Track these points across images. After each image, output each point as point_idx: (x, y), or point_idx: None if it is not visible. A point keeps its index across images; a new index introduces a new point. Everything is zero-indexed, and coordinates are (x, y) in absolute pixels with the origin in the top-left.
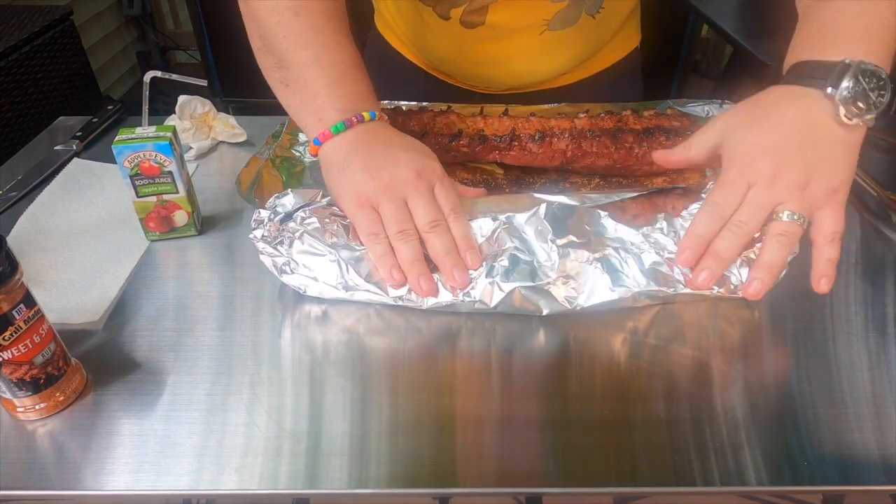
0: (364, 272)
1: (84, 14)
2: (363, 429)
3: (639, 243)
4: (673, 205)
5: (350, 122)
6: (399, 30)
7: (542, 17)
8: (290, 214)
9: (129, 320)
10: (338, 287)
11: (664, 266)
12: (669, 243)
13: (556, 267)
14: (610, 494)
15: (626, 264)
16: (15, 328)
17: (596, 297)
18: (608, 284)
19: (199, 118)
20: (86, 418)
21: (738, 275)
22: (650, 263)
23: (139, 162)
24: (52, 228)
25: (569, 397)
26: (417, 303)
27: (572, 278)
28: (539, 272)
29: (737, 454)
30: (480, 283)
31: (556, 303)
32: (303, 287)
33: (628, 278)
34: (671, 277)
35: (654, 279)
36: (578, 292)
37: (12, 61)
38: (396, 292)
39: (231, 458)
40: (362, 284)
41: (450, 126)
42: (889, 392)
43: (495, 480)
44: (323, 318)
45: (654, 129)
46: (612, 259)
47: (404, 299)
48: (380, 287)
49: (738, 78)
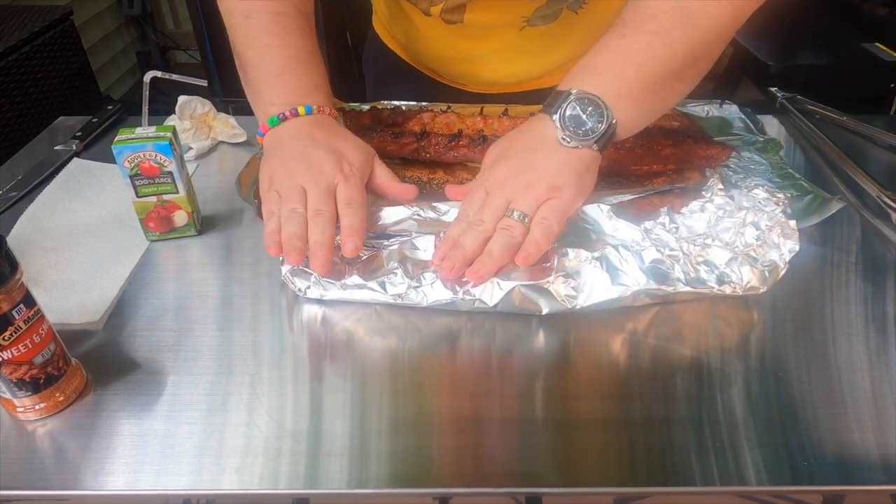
0: (365, 271)
1: (84, 14)
2: (363, 429)
3: (639, 240)
4: (672, 203)
5: (283, 116)
6: (391, 29)
7: (520, 14)
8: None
9: (129, 320)
10: (337, 286)
11: (665, 263)
12: (671, 240)
13: (556, 265)
14: (610, 494)
15: (626, 262)
16: (15, 328)
17: (596, 296)
18: (608, 282)
19: (199, 118)
20: (86, 418)
21: (738, 273)
22: (650, 261)
23: (139, 162)
24: (52, 228)
25: (569, 397)
26: (417, 301)
27: (571, 277)
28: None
29: (737, 454)
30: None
31: (555, 301)
32: (303, 288)
33: (628, 276)
34: (672, 275)
35: (654, 277)
36: (578, 291)
37: (12, 61)
38: (395, 290)
39: (231, 458)
40: (362, 283)
41: (450, 126)
42: (889, 392)
43: (495, 480)
44: (323, 319)
45: (654, 129)
46: (612, 257)
47: (403, 297)
48: (380, 285)
49: (738, 78)
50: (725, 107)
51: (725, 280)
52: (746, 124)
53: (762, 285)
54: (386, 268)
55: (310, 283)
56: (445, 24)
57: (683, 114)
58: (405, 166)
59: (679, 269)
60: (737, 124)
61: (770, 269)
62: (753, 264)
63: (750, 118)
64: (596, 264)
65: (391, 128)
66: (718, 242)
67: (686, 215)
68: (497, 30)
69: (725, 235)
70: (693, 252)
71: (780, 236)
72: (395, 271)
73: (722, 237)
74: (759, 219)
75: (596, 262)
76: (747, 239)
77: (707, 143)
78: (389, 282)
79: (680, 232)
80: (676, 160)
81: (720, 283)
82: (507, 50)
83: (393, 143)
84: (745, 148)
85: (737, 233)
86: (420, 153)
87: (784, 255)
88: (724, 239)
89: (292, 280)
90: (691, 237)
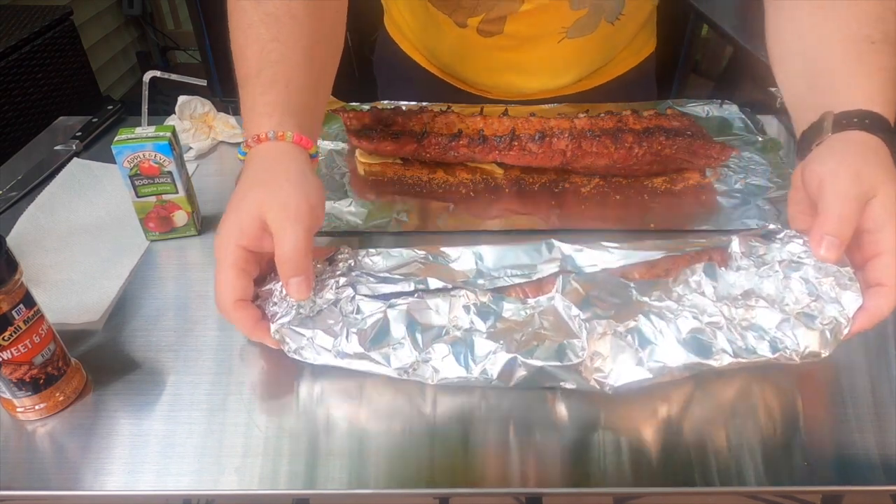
0: (366, 340)
1: (84, 14)
2: (363, 429)
3: (674, 308)
4: (709, 256)
5: (247, 148)
6: (411, 34)
7: (561, 25)
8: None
9: (129, 320)
10: (332, 353)
11: (706, 333)
12: (709, 305)
13: (585, 345)
14: (610, 494)
15: (662, 334)
16: (15, 328)
17: (627, 376)
18: (641, 360)
19: (199, 118)
20: (86, 418)
21: (792, 336)
22: (689, 331)
23: (139, 162)
24: (52, 228)
25: (569, 397)
26: (426, 377)
27: (600, 355)
28: (566, 350)
29: (737, 454)
30: (499, 358)
31: (583, 381)
32: (294, 348)
33: (664, 351)
34: (715, 346)
35: (695, 349)
36: (608, 370)
37: (12, 61)
38: (400, 364)
39: (231, 458)
40: (362, 353)
41: (450, 126)
42: (889, 392)
43: (495, 480)
44: None
45: (654, 129)
46: (645, 329)
47: (409, 373)
48: (380, 358)
49: (738, 78)
50: (725, 107)
51: (780, 346)
52: (746, 124)
53: (823, 349)
54: (391, 335)
55: (303, 344)
56: (480, 37)
57: (683, 114)
58: (405, 166)
59: (723, 338)
60: (737, 124)
61: (831, 329)
62: (810, 324)
63: (750, 118)
64: (627, 337)
65: (390, 128)
66: (763, 302)
67: (720, 273)
68: (535, 41)
69: (769, 292)
70: (736, 316)
71: (835, 287)
72: (402, 342)
73: (765, 294)
74: (805, 270)
75: (627, 336)
76: (797, 294)
77: (707, 143)
78: (395, 354)
79: (718, 291)
80: (676, 160)
81: (774, 351)
82: (543, 60)
83: (393, 144)
84: (745, 148)
85: (783, 288)
86: (420, 153)
87: (846, 311)
88: (769, 296)
89: (283, 339)
90: (730, 298)
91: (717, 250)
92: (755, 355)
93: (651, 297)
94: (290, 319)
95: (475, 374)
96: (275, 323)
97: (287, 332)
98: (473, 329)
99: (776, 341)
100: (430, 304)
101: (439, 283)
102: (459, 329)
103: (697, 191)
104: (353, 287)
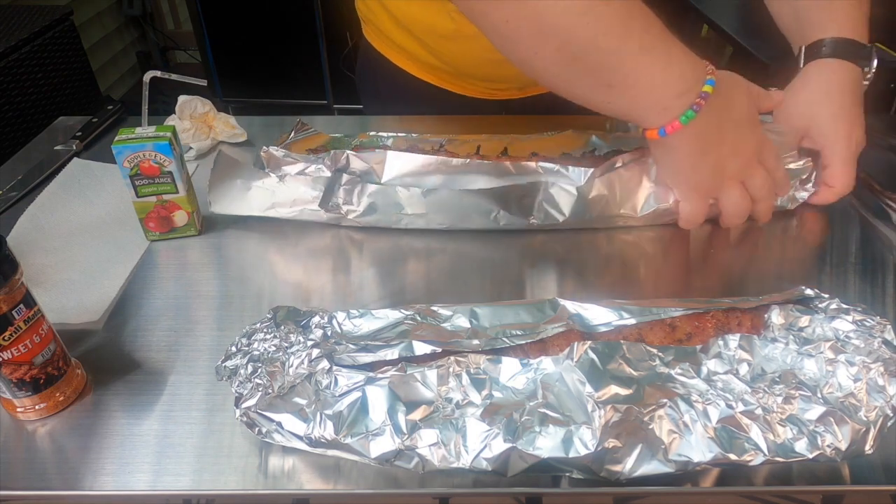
0: (342, 424)
1: (84, 14)
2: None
3: (703, 390)
4: (739, 321)
5: (698, 106)
6: (403, 37)
7: None
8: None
9: (129, 320)
10: (304, 440)
11: (739, 425)
12: (744, 390)
13: (597, 435)
14: (610, 494)
15: (687, 427)
16: (15, 328)
17: (645, 470)
18: (662, 454)
19: (199, 118)
20: (86, 418)
21: (834, 432)
22: (719, 420)
23: (139, 162)
24: (52, 228)
25: None
26: (410, 467)
27: (615, 445)
28: (573, 438)
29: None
30: (495, 446)
31: (592, 473)
32: (265, 431)
33: (689, 444)
34: (749, 441)
35: (725, 445)
36: (622, 462)
37: (12, 61)
38: (380, 452)
39: (231, 458)
40: (335, 440)
41: None
42: None
43: (495, 480)
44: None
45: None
46: (671, 414)
47: (392, 462)
48: (357, 447)
49: None
50: None
51: (818, 444)
52: None
53: (869, 447)
54: (370, 418)
55: (271, 428)
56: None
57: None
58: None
59: (758, 432)
60: None
61: (876, 423)
62: (853, 417)
63: None
64: (647, 427)
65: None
66: (805, 389)
67: (756, 346)
68: None
69: (810, 375)
70: (773, 406)
71: (883, 375)
72: (384, 427)
73: (807, 378)
74: (851, 352)
75: (647, 425)
76: (840, 380)
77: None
78: (375, 442)
79: (753, 369)
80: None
81: (812, 450)
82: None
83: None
84: None
85: (824, 373)
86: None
87: (893, 401)
88: (811, 380)
89: (253, 422)
90: (766, 382)
91: (748, 314)
92: (793, 454)
93: (676, 369)
94: (256, 402)
95: (467, 466)
96: (239, 407)
97: (255, 416)
98: (466, 402)
99: (815, 436)
100: (416, 375)
101: (427, 348)
102: (450, 403)
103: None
104: (328, 358)
